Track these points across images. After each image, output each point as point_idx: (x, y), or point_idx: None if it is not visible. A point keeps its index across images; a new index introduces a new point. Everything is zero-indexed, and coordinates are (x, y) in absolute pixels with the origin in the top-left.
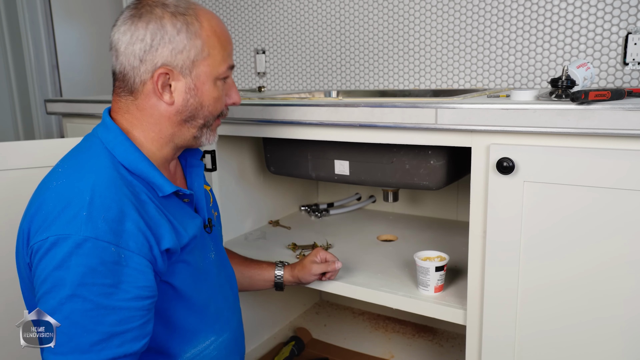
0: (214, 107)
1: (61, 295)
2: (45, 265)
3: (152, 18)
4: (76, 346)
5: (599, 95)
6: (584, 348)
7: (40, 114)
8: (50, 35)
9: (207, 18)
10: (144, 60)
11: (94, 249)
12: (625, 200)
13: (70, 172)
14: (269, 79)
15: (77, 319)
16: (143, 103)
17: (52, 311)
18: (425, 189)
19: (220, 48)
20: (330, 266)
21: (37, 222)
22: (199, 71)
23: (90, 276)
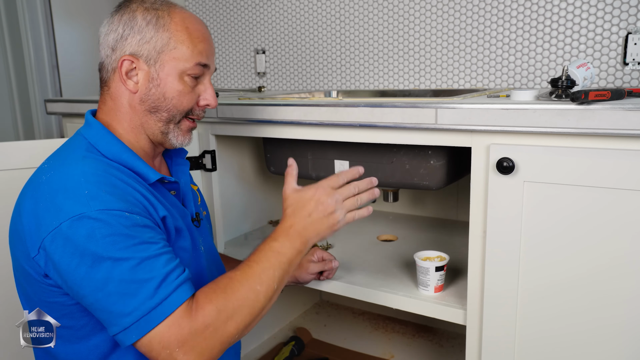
0: (178, 100)
1: (105, 266)
2: (73, 250)
3: (127, 11)
4: (144, 297)
5: (599, 95)
6: (584, 348)
7: (40, 114)
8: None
9: (181, 15)
10: (115, 49)
11: (111, 217)
12: (625, 200)
13: (56, 165)
14: (269, 79)
15: (130, 276)
16: (114, 92)
17: (103, 284)
18: (425, 189)
19: (189, 43)
20: (327, 265)
21: (38, 215)
22: (163, 62)
23: (120, 241)
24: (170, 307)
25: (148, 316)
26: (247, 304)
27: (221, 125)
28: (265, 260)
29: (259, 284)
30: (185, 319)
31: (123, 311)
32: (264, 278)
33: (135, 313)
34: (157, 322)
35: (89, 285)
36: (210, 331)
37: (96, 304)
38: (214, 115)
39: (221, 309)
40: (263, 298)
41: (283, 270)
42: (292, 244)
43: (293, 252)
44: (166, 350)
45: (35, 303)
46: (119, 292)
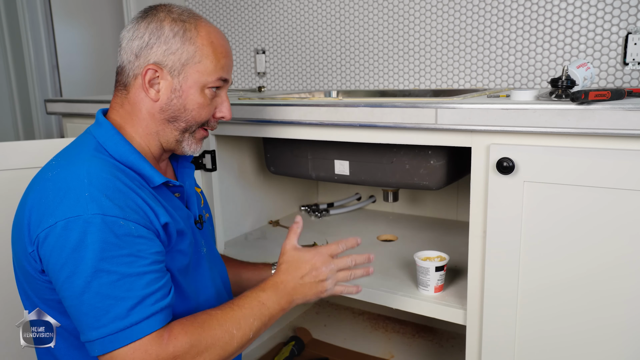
0: (197, 112)
1: (86, 274)
2: (61, 250)
3: (154, 20)
4: (114, 316)
5: (599, 95)
6: (584, 348)
7: (40, 114)
8: (50, 35)
9: (207, 30)
10: (139, 55)
11: (105, 224)
12: (625, 200)
13: (64, 163)
14: (269, 79)
15: (107, 291)
16: (133, 97)
17: (81, 291)
18: (425, 189)
19: (213, 58)
20: None
21: (39, 211)
22: (187, 75)
23: (108, 250)
24: (140, 332)
25: (114, 336)
26: (219, 345)
27: (221, 125)
28: (249, 307)
29: (236, 329)
30: (154, 346)
31: (92, 324)
32: (242, 324)
33: (103, 330)
34: (123, 344)
35: (68, 289)
36: None
37: (71, 309)
38: None
39: (194, 343)
40: (236, 343)
41: (262, 322)
42: (278, 300)
43: (277, 307)
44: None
45: (34, 301)
46: (93, 304)
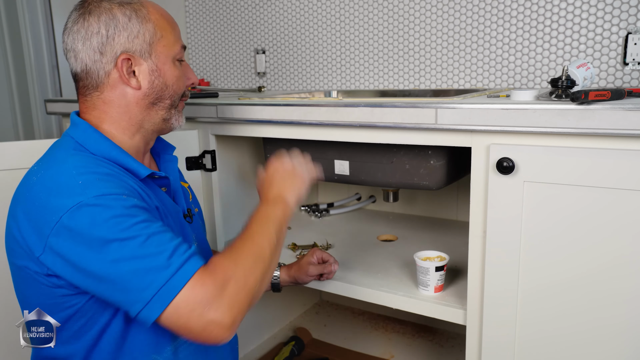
0: (177, 85)
1: (114, 248)
2: (79, 240)
3: (102, 11)
4: (159, 268)
5: (599, 95)
6: (584, 348)
7: (40, 114)
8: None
9: (152, 5)
10: (103, 52)
11: (109, 200)
12: (625, 200)
13: (45, 165)
14: (269, 79)
15: (140, 252)
16: (109, 95)
17: (115, 265)
18: (425, 189)
19: (170, 29)
20: (327, 268)
21: (38, 215)
22: (157, 52)
23: (122, 221)
24: (189, 271)
25: (168, 284)
26: (256, 256)
27: (221, 125)
28: (256, 221)
29: (260, 237)
30: (207, 277)
31: (140, 286)
32: (262, 232)
33: (155, 284)
34: (180, 287)
35: (102, 269)
36: (233, 283)
37: (113, 287)
38: (214, 115)
39: (237, 262)
40: (268, 249)
41: (276, 226)
42: (273, 206)
43: (278, 210)
44: (195, 312)
45: (33, 306)
46: (132, 269)
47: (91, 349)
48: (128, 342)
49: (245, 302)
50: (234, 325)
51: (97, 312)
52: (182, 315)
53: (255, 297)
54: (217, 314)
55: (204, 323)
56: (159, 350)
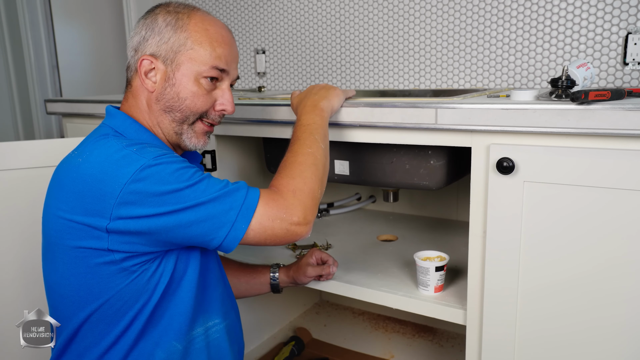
0: (191, 101)
1: (187, 193)
2: (151, 198)
3: (150, 15)
4: (232, 192)
5: (599, 95)
6: (583, 347)
7: (40, 114)
8: (50, 35)
9: (201, 17)
10: (137, 50)
11: (167, 159)
12: (625, 200)
13: (89, 148)
14: (269, 79)
15: (211, 188)
16: (135, 90)
17: (194, 203)
18: (425, 189)
19: (208, 46)
20: (325, 270)
21: (95, 189)
22: (179, 62)
23: (185, 173)
24: (257, 190)
25: (246, 201)
26: (309, 163)
27: (221, 125)
28: (302, 133)
29: (308, 147)
30: (275, 194)
31: (223, 208)
32: (309, 142)
33: (235, 204)
34: (255, 203)
35: (182, 210)
36: (299, 193)
37: (195, 221)
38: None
39: (294, 175)
40: (319, 155)
41: (319, 132)
42: (312, 114)
43: (317, 117)
44: (276, 221)
45: (69, 289)
46: (210, 199)
47: (121, 334)
48: (155, 327)
49: (312, 203)
50: (310, 222)
51: (133, 296)
52: (267, 227)
53: (319, 196)
54: (295, 218)
55: (286, 227)
56: (179, 337)
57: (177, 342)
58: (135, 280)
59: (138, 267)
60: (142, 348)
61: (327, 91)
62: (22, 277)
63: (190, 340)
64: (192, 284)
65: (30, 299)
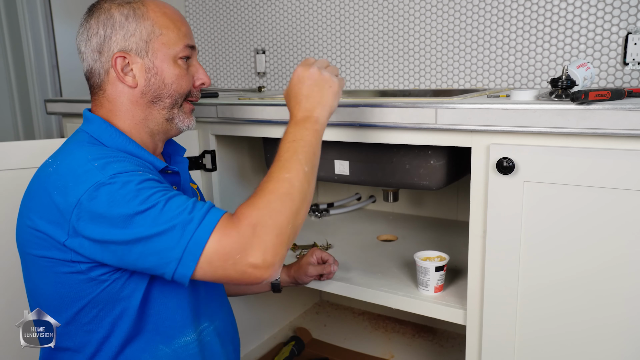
0: (178, 84)
1: (137, 220)
2: (101, 220)
3: (101, 12)
4: (182, 225)
5: (599, 95)
6: (584, 347)
7: (40, 114)
8: (50, 35)
9: (155, 3)
10: (102, 51)
11: (125, 177)
12: (625, 200)
13: (61, 157)
14: (269, 79)
15: (162, 217)
16: (111, 93)
17: (141, 234)
18: (425, 189)
19: (173, 27)
20: (326, 269)
21: (57, 203)
22: (154, 50)
23: (140, 194)
24: (212, 222)
25: (195, 236)
26: (282, 192)
27: (221, 125)
28: (284, 152)
29: (286, 172)
30: (231, 229)
31: (169, 244)
32: (288, 166)
33: (183, 239)
34: (206, 237)
35: (130, 241)
36: (260, 228)
37: (143, 254)
38: (214, 115)
39: (260, 206)
40: (297, 182)
41: (306, 152)
42: (302, 128)
43: (307, 132)
44: (228, 261)
45: (44, 297)
46: (158, 232)
47: (103, 341)
48: (140, 332)
49: (277, 240)
50: (273, 265)
51: (109, 303)
52: (217, 267)
53: (289, 232)
54: (251, 259)
55: (241, 269)
56: (167, 342)
57: (165, 347)
58: (107, 289)
59: (108, 277)
60: (128, 355)
61: (321, 91)
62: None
63: (181, 346)
64: (171, 289)
65: None
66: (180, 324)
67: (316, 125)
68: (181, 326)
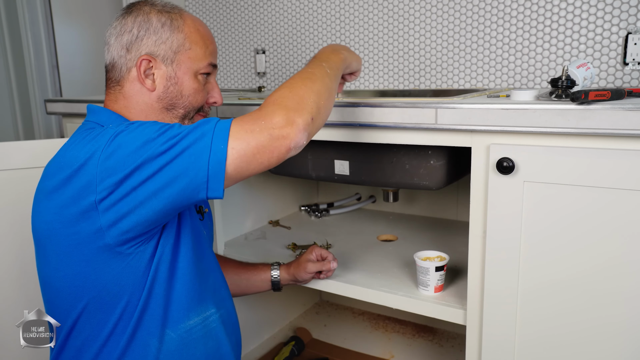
0: (194, 98)
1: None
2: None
3: (140, 13)
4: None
5: (599, 95)
6: (583, 347)
7: (40, 114)
8: (50, 35)
9: (191, 18)
10: (130, 49)
11: (141, 122)
12: (625, 200)
13: (72, 139)
14: (269, 79)
15: (181, 129)
16: (129, 90)
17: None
18: (425, 189)
19: (202, 44)
20: (325, 265)
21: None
22: (180, 62)
23: (154, 124)
24: (229, 119)
25: (218, 125)
26: (303, 76)
27: None
28: (308, 64)
29: (309, 68)
30: (251, 111)
31: (196, 137)
32: (311, 65)
33: (207, 130)
34: (228, 122)
35: (160, 158)
36: (280, 99)
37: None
38: (214, 116)
39: (280, 88)
40: (319, 73)
41: (329, 62)
42: (323, 52)
43: (331, 55)
44: (256, 130)
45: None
46: (182, 137)
47: (117, 323)
48: (148, 316)
49: (299, 106)
50: (298, 124)
51: (129, 281)
52: (249, 141)
53: (312, 106)
54: (275, 120)
55: (268, 133)
56: (174, 326)
57: (171, 332)
58: (131, 263)
59: (133, 249)
60: (138, 338)
61: (349, 50)
62: (22, 277)
63: (186, 330)
64: (185, 271)
65: (30, 299)
66: (186, 307)
67: (341, 54)
68: (187, 309)
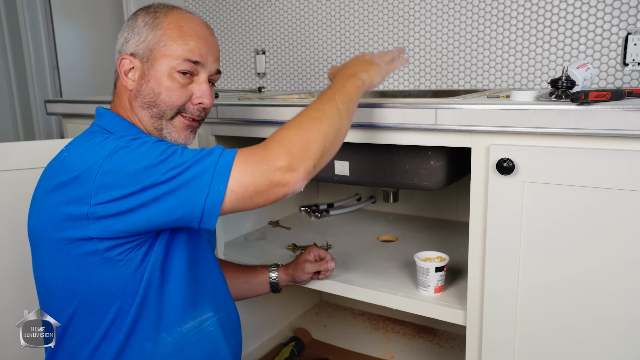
0: (166, 96)
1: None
2: (125, 177)
3: (132, 18)
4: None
5: (599, 96)
6: (583, 347)
7: (40, 114)
8: (50, 35)
9: (178, 16)
10: (121, 51)
11: (141, 139)
12: (625, 201)
13: (76, 141)
14: (269, 79)
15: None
16: (118, 90)
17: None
18: (425, 189)
19: (180, 41)
20: (323, 265)
21: (77, 178)
22: (154, 59)
23: (157, 147)
24: (233, 150)
25: (220, 161)
26: (312, 116)
27: (221, 125)
28: (321, 95)
29: (320, 104)
30: (256, 148)
31: (197, 173)
32: (323, 100)
33: (208, 166)
34: (231, 160)
35: (158, 188)
36: (286, 141)
37: (173, 190)
38: (214, 116)
39: (287, 126)
40: (329, 112)
41: (343, 95)
42: (344, 80)
43: (347, 83)
44: (257, 173)
45: (55, 282)
46: (184, 169)
47: (108, 329)
48: (143, 321)
49: (303, 153)
50: (299, 170)
51: (119, 287)
52: (248, 184)
53: (317, 151)
54: (278, 163)
55: (269, 178)
56: (169, 330)
57: (167, 335)
58: (121, 270)
59: (123, 256)
60: (133, 342)
61: (369, 65)
62: (22, 277)
63: (182, 334)
64: (179, 276)
65: (30, 299)
66: (182, 311)
67: (358, 81)
68: (182, 314)
